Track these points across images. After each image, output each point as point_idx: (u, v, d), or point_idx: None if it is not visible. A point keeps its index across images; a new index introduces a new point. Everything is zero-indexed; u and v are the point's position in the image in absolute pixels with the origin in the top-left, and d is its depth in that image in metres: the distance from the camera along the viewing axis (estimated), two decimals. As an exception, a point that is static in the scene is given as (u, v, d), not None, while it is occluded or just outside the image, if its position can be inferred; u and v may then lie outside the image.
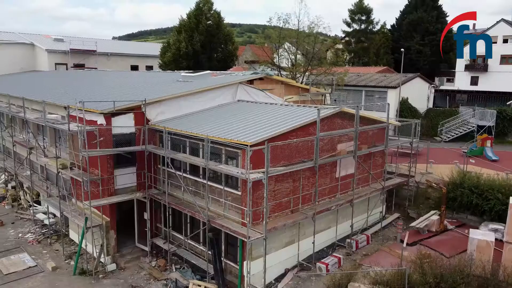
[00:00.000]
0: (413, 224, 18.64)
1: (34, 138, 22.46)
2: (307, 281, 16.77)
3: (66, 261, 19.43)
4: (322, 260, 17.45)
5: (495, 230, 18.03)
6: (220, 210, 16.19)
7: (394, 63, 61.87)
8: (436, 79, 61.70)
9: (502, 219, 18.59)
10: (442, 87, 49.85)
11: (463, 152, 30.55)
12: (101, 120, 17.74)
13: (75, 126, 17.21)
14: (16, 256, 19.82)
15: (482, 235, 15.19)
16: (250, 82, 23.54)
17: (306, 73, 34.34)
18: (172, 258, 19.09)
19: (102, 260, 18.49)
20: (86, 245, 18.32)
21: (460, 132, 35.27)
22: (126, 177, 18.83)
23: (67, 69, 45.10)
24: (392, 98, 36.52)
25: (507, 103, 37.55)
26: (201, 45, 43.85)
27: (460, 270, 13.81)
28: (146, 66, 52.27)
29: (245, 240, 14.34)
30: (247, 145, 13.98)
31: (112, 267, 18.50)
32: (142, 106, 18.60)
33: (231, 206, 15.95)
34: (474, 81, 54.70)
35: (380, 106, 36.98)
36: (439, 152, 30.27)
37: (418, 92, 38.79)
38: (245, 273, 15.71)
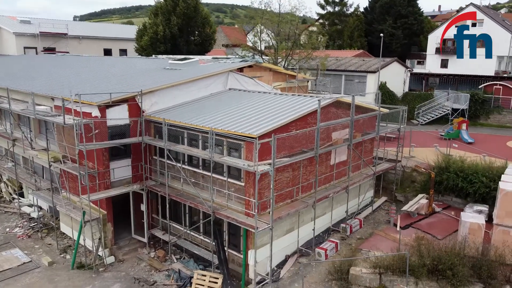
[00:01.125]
0: (404, 208, 19.48)
1: (20, 130, 21.65)
2: (308, 267, 17.32)
3: (62, 255, 19.14)
4: (320, 246, 18.02)
5: (480, 211, 19.11)
6: (221, 201, 16.34)
7: (368, 46, 62.85)
8: (408, 61, 63.28)
9: (485, 201, 19.74)
10: (415, 70, 51.15)
11: (441, 135, 31.90)
12: (95, 112, 17.33)
13: (70, 119, 16.74)
14: (8, 252, 19.32)
15: (473, 218, 16.12)
16: (240, 69, 23.48)
17: (288, 57, 34.45)
18: (170, 249, 19.22)
19: (100, 253, 18.34)
20: (84, 239, 18.06)
21: (436, 115, 36.62)
22: (121, 169, 18.57)
23: (36, 53, 43.21)
24: (371, 82, 37.38)
25: (479, 86, 39.14)
26: (179, 28, 42.94)
27: (456, 252, 14.70)
28: (120, 49, 50.80)
29: (253, 230, 14.62)
30: (255, 138, 14.11)
31: (110, 259, 18.40)
32: (137, 96, 18.27)
33: (233, 196, 16.12)
34: (444, 64, 56.56)
35: (360, 90, 37.80)
36: (417, 135, 31.37)
37: (395, 76, 39.78)
38: (249, 262, 16.06)
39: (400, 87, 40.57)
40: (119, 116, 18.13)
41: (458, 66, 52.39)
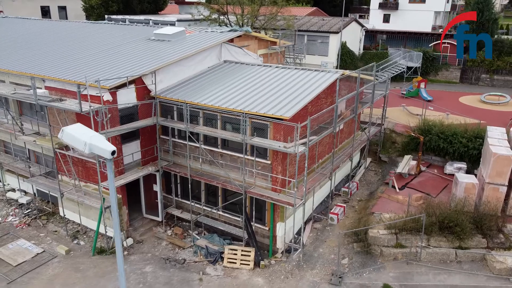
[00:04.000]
0: (398, 170, 21.49)
1: (10, 114, 19.92)
2: (324, 231, 18.86)
3: (75, 242, 18.76)
4: (331, 211, 19.55)
5: (459, 168, 21.78)
6: (247, 179, 16.94)
7: (313, 1, 63.52)
8: (350, 15, 65.20)
9: (462, 158, 22.36)
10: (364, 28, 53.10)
11: (402, 93, 34.45)
12: (107, 96, 16.59)
13: (75, 105, 15.87)
14: (14, 244, 18.48)
15: (467, 178, 18.44)
16: (230, 40, 23.21)
17: (253, 17, 34.12)
18: (183, 225, 19.67)
19: (117, 236, 18.26)
20: (101, 226, 17.82)
21: (393, 74, 39.03)
22: (131, 152, 18.23)
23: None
24: (334, 42, 38.54)
25: (429, 45, 42.07)
26: (130, -15, 40.23)
27: (459, 209, 16.96)
28: (59, 6, 46.51)
29: (290, 207, 15.61)
30: (287, 120, 14.73)
31: (129, 241, 18.46)
32: (145, 76, 17.69)
33: (258, 174, 16.80)
34: (386, 19, 59.15)
35: (323, 51, 38.93)
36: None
37: (353, 36, 41.26)
38: (278, 233, 17.16)
39: (357, 46, 42.28)
40: (127, 98, 17.50)
41: (400, 21, 55.38)
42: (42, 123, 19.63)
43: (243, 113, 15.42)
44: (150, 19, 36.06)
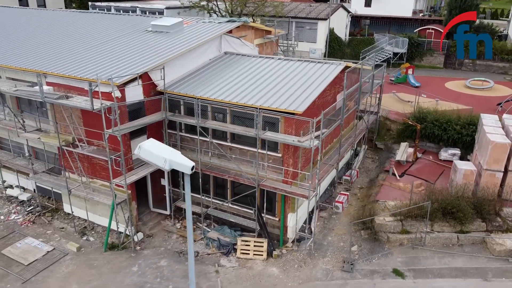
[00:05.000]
0: (397, 157, 22.22)
1: (12, 112, 19.44)
2: (330, 220, 19.48)
3: (84, 238, 18.75)
4: (336, 200, 20.15)
5: (454, 154, 22.70)
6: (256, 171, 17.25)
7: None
8: (334, 0, 65.31)
9: (455, 145, 23.28)
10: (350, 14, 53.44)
11: (391, 80, 35.18)
12: (116, 92, 16.42)
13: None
14: (22, 242, 18.32)
15: (466, 165, 19.29)
16: (229, 31, 23.15)
17: (245, 4, 33.96)
18: (203, 219, 19.89)
19: (127, 232, 18.34)
20: (110, 222, 17.85)
21: (379, 59, 39.67)
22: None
23: None
24: (322, 29, 38.80)
25: (414, 30, 42.84)
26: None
27: (460, 195, 17.82)
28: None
29: (305, 199, 16.08)
30: (297, 114, 15.11)
31: (139, 236, 18.59)
32: (157, 70, 17.60)
33: (269, 167, 17.13)
34: (367, 3, 59.57)
35: (311, 37, 39.15)
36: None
37: (340, 22, 41.58)
38: (289, 224, 17.64)
39: (343, 31, 42.66)
40: (134, 94, 17.38)
41: (382, 5, 55.92)
42: (43, 119, 19.31)
43: (257, 108, 15.62)
44: (137, 7, 35.37)
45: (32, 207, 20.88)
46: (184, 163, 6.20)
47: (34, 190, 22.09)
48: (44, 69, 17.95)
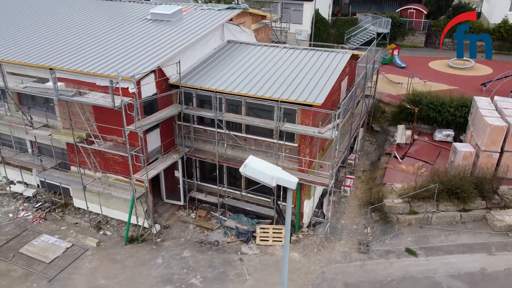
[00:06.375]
0: (397, 140, 23.20)
1: (20, 109, 18.87)
2: (340, 203, 20.35)
3: (101, 233, 18.82)
4: (344, 183, 21.00)
5: (448, 135, 23.94)
6: (273, 162, 17.75)
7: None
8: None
9: (449, 126, 24.48)
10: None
11: (377, 60, 35.98)
12: (132, 87, 16.33)
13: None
14: (38, 240, 18.21)
15: (465, 147, 20.46)
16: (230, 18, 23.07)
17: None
18: (204, 207, 20.29)
19: (144, 224, 18.55)
20: (130, 216, 17.99)
21: (364, 40, 40.44)
22: (153, 141, 18.28)
23: None
24: (308, 10, 38.83)
25: (396, 10, 43.64)
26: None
27: (463, 176, 19.02)
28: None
29: (327, 188, 16.80)
30: (315, 106, 15.64)
31: (157, 227, 18.86)
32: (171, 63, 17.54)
33: (285, 157, 17.66)
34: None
35: (297, 18, 39.23)
36: (360, 63, 34.96)
37: (324, 2, 41.71)
38: (305, 210, 18.36)
39: (327, 11, 42.89)
40: (148, 88, 17.30)
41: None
42: (49, 115, 18.92)
43: (278, 101, 15.96)
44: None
45: (40, 203, 20.62)
46: (289, 179, 6.60)
47: (38, 185, 21.80)
48: (53, 64, 17.48)
